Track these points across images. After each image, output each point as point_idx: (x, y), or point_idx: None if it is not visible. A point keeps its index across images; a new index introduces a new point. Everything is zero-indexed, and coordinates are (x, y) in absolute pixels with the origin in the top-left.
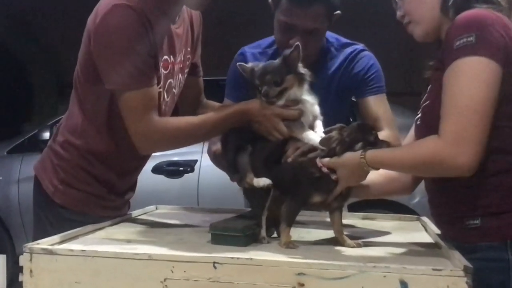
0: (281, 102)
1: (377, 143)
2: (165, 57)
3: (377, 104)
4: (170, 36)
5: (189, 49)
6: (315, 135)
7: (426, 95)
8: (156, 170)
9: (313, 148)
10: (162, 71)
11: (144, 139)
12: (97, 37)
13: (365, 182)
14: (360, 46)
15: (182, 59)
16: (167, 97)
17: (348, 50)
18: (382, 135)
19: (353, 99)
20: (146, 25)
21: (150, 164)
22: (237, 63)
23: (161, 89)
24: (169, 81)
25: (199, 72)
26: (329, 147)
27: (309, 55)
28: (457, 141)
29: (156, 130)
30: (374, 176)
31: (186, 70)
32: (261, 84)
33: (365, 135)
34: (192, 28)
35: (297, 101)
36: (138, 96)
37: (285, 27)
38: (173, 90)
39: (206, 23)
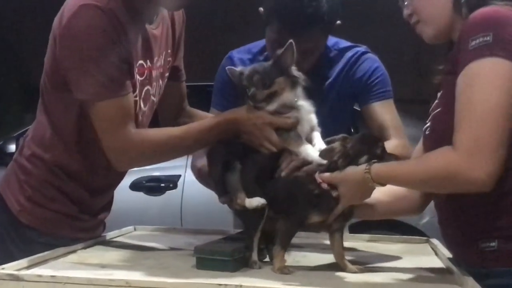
0: (271, 107)
1: (384, 157)
2: (141, 62)
3: (383, 111)
4: (145, 38)
5: (169, 51)
6: (314, 149)
7: (436, 102)
8: (135, 186)
9: (310, 161)
10: (138, 78)
11: (120, 154)
12: (63, 42)
13: (369, 200)
14: (362, 48)
15: (162, 63)
16: (145, 106)
17: (349, 53)
18: (390, 145)
19: (356, 107)
20: (117, 27)
21: (127, 180)
22: (227, 67)
23: (137, 98)
24: (146, 88)
25: (182, 76)
26: (330, 160)
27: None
28: (473, 153)
29: (132, 144)
30: (379, 193)
31: (167, 75)
32: (248, 85)
33: (371, 147)
34: (174, 28)
35: (291, 107)
36: (111, 106)
37: (278, 45)
38: (152, 98)
39: (190, 22)
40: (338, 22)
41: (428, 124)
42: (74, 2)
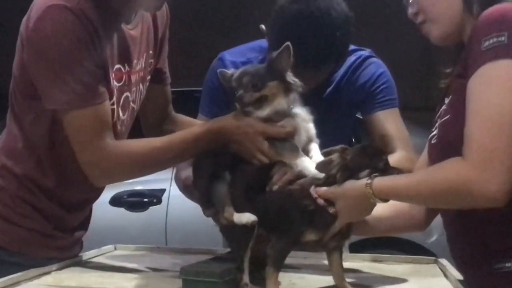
0: (262, 113)
1: (387, 171)
2: (118, 66)
3: (388, 121)
4: (122, 40)
5: (151, 52)
6: (311, 162)
7: (444, 108)
8: (115, 201)
9: (306, 174)
10: (115, 84)
11: (97, 168)
12: (31, 46)
13: (369, 216)
14: (365, 52)
15: (143, 66)
16: (123, 114)
17: (352, 58)
18: (395, 158)
19: (358, 115)
20: (90, 29)
21: (107, 195)
22: (218, 70)
23: (115, 106)
24: (124, 95)
25: (166, 79)
26: (327, 173)
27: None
28: (486, 164)
29: (111, 156)
30: (380, 208)
31: (148, 78)
32: (237, 87)
33: (373, 160)
34: (156, 27)
35: (285, 115)
36: (85, 116)
37: None
38: (131, 105)
39: (177, 21)
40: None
41: (434, 133)
42: (41, 2)
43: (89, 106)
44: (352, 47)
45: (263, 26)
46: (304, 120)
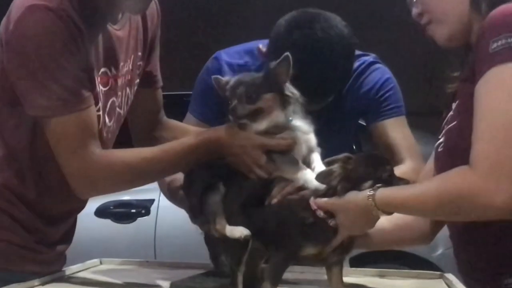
0: (259, 126)
1: (392, 182)
2: (104, 69)
3: (395, 130)
4: (108, 41)
5: (139, 53)
6: (313, 175)
7: (450, 114)
8: (101, 212)
9: (308, 187)
10: (101, 88)
11: (82, 179)
12: (10, 49)
13: (371, 229)
14: (370, 57)
15: (130, 68)
16: (110, 121)
17: (356, 63)
18: (402, 169)
19: (361, 121)
20: (73, 30)
21: (92, 206)
22: (213, 76)
23: (101, 112)
24: (111, 100)
25: (157, 83)
26: (328, 184)
27: None
28: (494, 173)
29: (97, 166)
30: (383, 221)
31: (137, 82)
32: (231, 97)
33: (378, 170)
34: (145, 27)
35: (284, 128)
36: (69, 122)
37: None
38: (118, 110)
39: (167, 20)
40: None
41: (441, 140)
42: (21, 2)
43: (73, 112)
44: (355, 52)
45: (261, 47)
46: (304, 132)
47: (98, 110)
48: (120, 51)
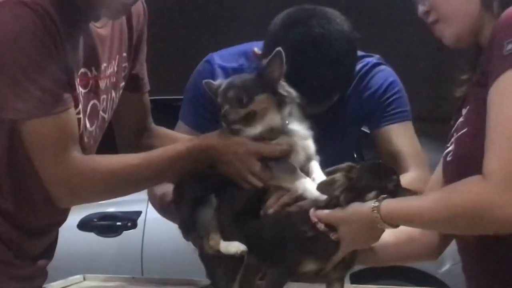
0: (253, 131)
1: (397, 192)
2: (83, 70)
3: (400, 136)
4: (89, 40)
5: (125, 55)
6: (313, 184)
7: (460, 120)
8: (85, 225)
9: (306, 197)
10: (80, 90)
11: (62, 186)
12: None
13: (375, 243)
14: (373, 58)
15: (115, 70)
16: (91, 125)
17: (359, 65)
18: (408, 178)
19: (364, 129)
20: (50, 27)
21: (75, 218)
22: (204, 81)
23: (81, 115)
24: (92, 102)
25: (144, 87)
26: (330, 195)
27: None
28: (508, 183)
29: (78, 173)
30: (386, 234)
31: (122, 85)
32: (223, 102)
33: (382, 180)
34: (130, 26)
35: (280, 132)
36: (47, 125)
37: None
38: (102, 115)
39: (156, 20)
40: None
41: (450, 148)
42: None
43: (51, 115)
44: (359, 53)
45: (257, 50)
46: (302, 137)
47: (78, 113)
48: (102, 50)
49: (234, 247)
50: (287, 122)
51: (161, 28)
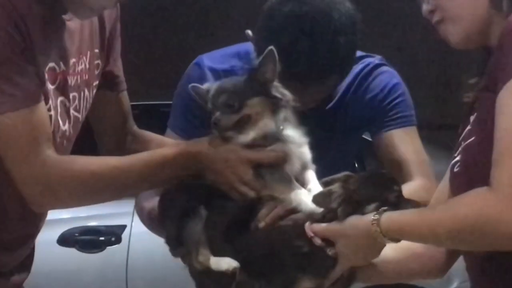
0: (245, 138)
1: (400, 204)
2: (51, 64)
3: (403, 142)
4: (57, 33)
5: (97, 51)
6: (308, 195)
7: (468, 128)
8: (65, 240)
9: (301, 210)
10: (49, 86)
11: (37, 186)
12: None
13: (376, 259)
14: (375, 59)
15: (86, 66)
16: (64, 124)
17: (359, 66)
18: (411, 188)
19: (365, 136)
20: (15, 17)
21: (55, 232)
22: (190, 85)
23: (52, 112)
24: (59, 100)
25: (120, 85)
26: (326, 207)
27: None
28: None
29: (54, 171)
30: (388, 250)
31: (96, 83)
32: (212, 108)
33: (383, 191)
34: (102, 22)
35: (275, 138)
36: (17, 121)
37: None
38: (74, 114)
39: (142, 22)
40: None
41: (457, 158)
42: None
43: (20, 109)
44: (359, 53)
45: (249, 32)
46: (298, 144)
47: (49, 110)
48: (71, 44)
49: (225, 263)
50: (281, 127)
51: (147, 30)
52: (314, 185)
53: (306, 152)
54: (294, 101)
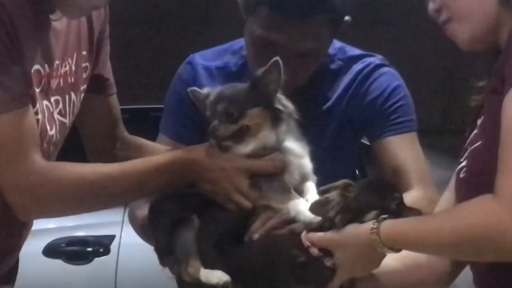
0: (244, 149)
1: (400, 213)
2: (36, 66)
3: (403, 148)
4: (42, 33)
5: (84, 53)
6: (307, 206)
7: (475, 132)
8: (51, 251)
9: (295, 219)
10: (34, 89)
11: (23, 194)
12: None
13: (376, 269)
14: (376, 59)
15: (73, 69)
16: (51, 129)
17: (358, 66)
18: (411, 196)
19: (364, 141)
20: (2, 15)
21: (41, 243)
22: (189, 89)
23: (39, 116)
24: (45, 103)
25: (109, 88)
26: (324, 216)
27: (297, 80)
28: None
29: (41, 178)
30: (390, 260)
31: (83, 87)
32: (211, 116)
33: (383, 198)
34: (90, 23)
35: (274, 150)
36: (4, 124)
37: (265, 46)
38: (60, 119)
39: (133, 22)
40: (347, 18)
41: (463, 164)
42: None
43: (5, 112)
44: (358, 52)
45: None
46: (298, 156)
47: (36, 113)
48: (56, 45)
49: (216, 277)
50: (281, 139)
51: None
52: (313, 195)
53: (306, 164)
54: (294, 114)
